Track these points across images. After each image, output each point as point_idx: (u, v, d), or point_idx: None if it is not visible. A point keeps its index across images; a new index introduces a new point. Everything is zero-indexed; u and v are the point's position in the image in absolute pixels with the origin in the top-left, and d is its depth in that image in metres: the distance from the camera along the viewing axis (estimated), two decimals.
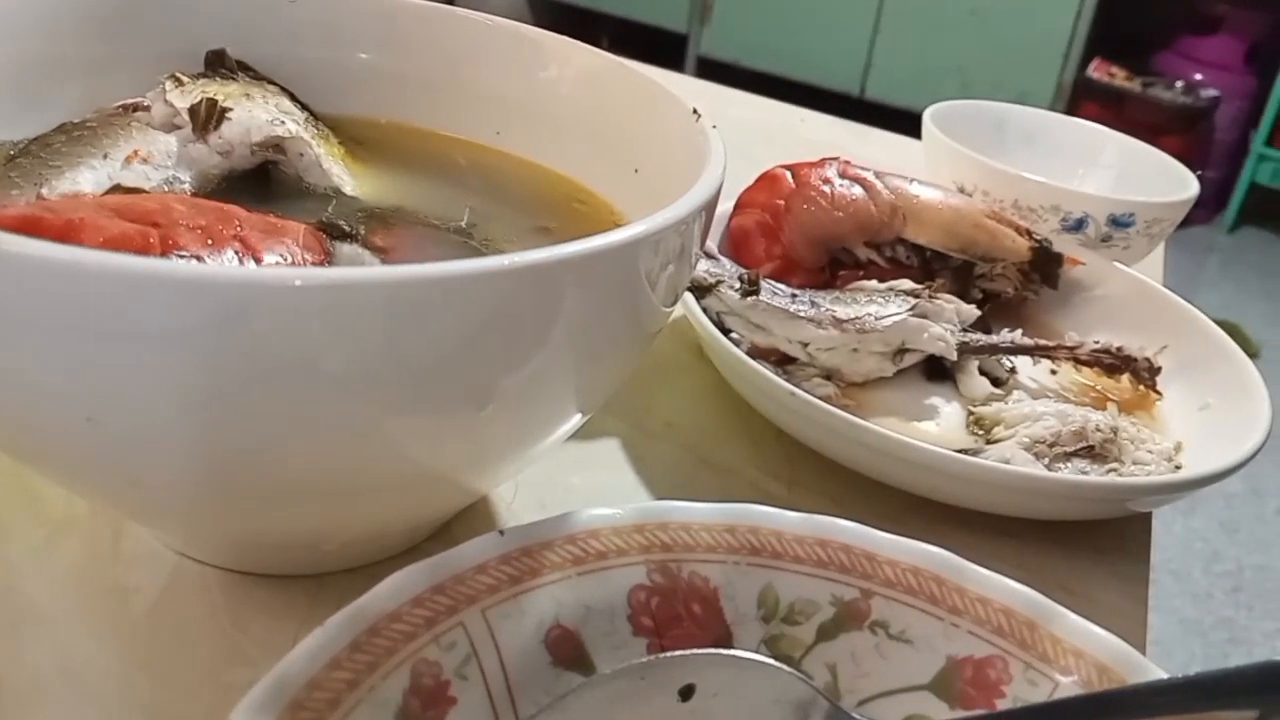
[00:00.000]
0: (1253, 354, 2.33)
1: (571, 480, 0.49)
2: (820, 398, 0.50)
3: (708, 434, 0.54)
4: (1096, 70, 3.49)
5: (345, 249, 0.38)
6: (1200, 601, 2.08)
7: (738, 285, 0.57)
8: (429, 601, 0.31)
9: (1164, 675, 0.31)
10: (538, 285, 0.29)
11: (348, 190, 0.46)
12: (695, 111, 0.43)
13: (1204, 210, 3.80)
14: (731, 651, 0.33)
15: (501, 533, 0.34)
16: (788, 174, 0.66)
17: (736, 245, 0.65)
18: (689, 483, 0.50)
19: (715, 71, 3.63)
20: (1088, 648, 0.33)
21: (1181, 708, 0.29)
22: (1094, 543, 0.50)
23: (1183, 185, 0.80)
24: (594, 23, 3.90)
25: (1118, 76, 3.48)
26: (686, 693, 0.32)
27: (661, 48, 3.53)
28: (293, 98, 0.49)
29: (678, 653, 0.33)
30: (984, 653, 0.34)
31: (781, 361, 0.57)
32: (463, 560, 0.33)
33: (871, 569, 0.35)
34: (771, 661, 0.33)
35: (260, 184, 0.46)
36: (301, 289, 0.25)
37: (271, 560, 0.40)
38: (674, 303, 0.37)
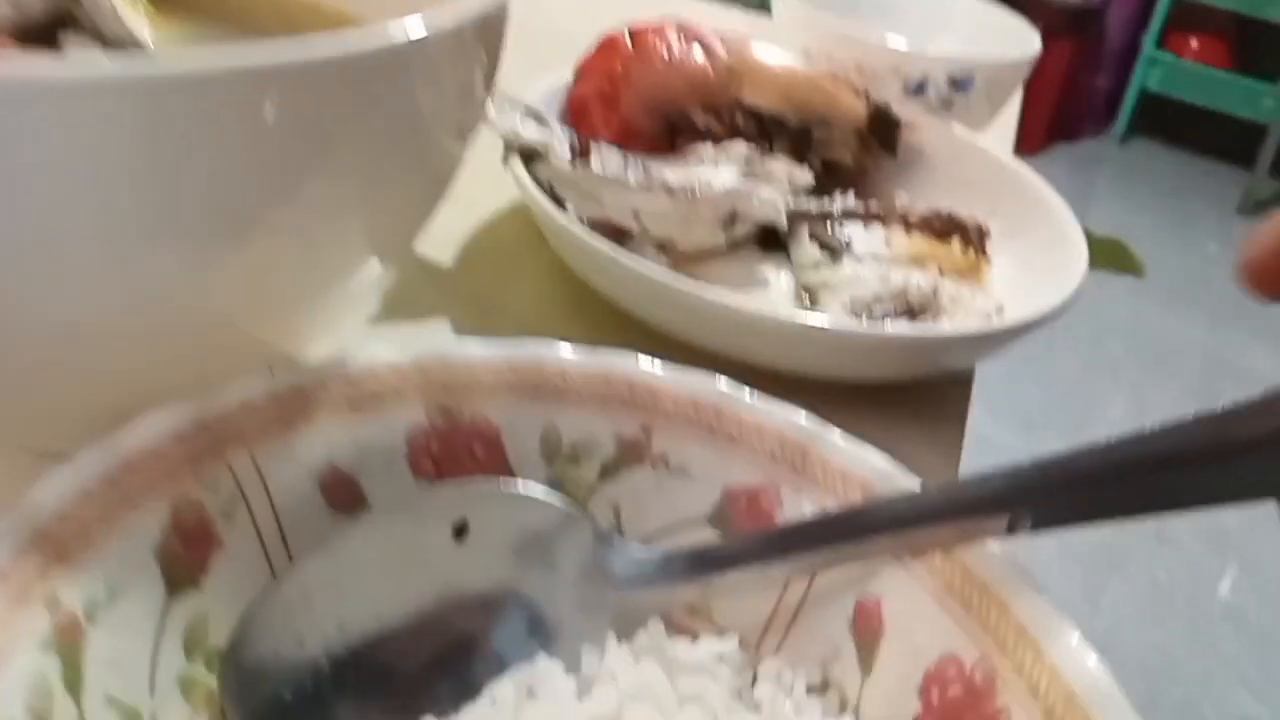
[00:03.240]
0: (1136, 272, 2.37)
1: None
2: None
3: (543, 314, 0.54)
4: None
5: (75, 42, 0.36)
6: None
7: (567, 152, 0.56)
8: (191, 438, 0.30)
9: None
10: (292, 89, 0.27)
11: (148, 41, 0.44)
12: None
13: (1094, 122, 3.83)
14: (499, 483, 0.33)
15: (271, 370, 0.33)
16: (626, 36, 0.64)
17: (576, 116, 0.64)
18: None
19: None
20: (854, 468, 0.33)
21: (931, 518, 0.29)
22: (911, 408, 0.50)
23: (1025, 45, 0.80)
24: None
25: None
26: (460, 531, 0.32)
27: None
28: None
29: (448, 485, 0.32)
30: (757, 481, 0.34)
31: (618, 235, 0.56)
32: (228, 398, 0.32)
33: (653, 402, 0.35)
34: (542, 493, 0.33)
35: (54, 41, 0.44)
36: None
37: (60, 433, 0.38)
38: (461, 137, 0.36)
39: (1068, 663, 0.27)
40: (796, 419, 0.34)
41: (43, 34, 0.43)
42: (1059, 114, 3.48)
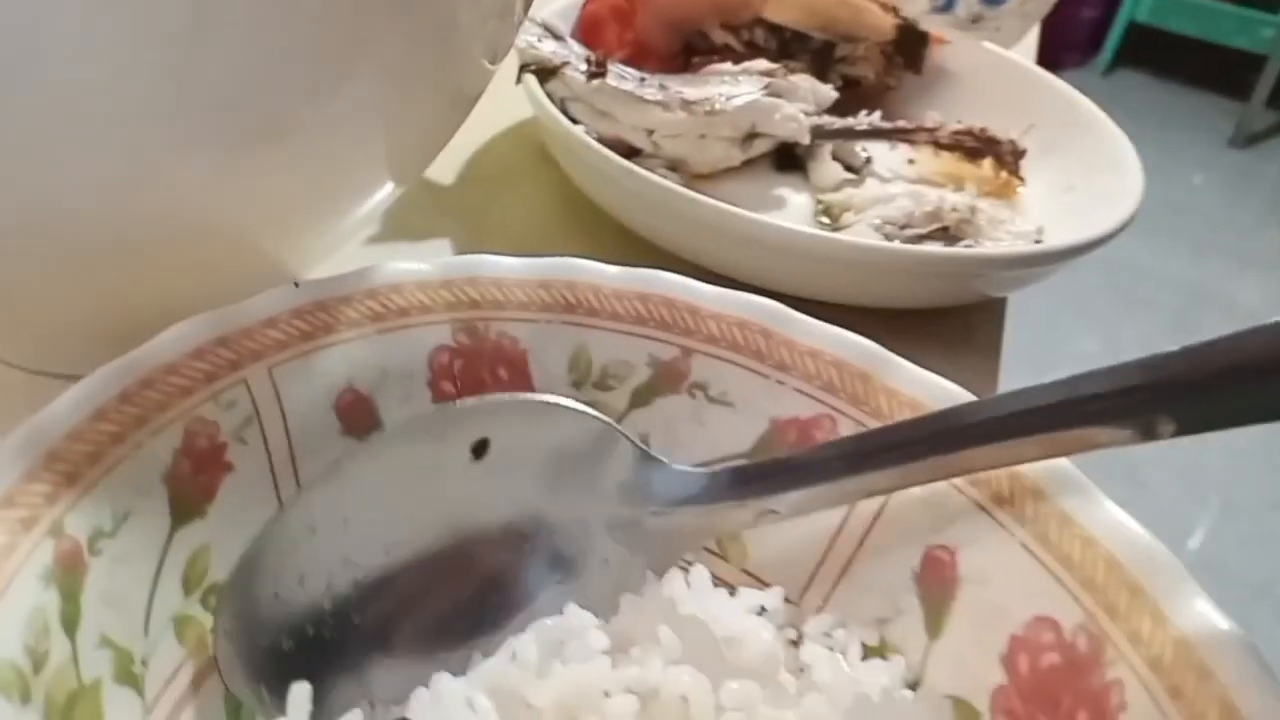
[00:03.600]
0: None
1: None
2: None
3: (546, 233, 0.52)
4: None
5: None
6: None
7: (583, 68, 0.53)
8: (210, 354, 0.28)
9: None
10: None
11: None
12: None
13: (1078, 53, 3.78)
14: (524, 395, 0.30)
15: (296, 284, 0.31)
16: None
17: (589, 33, 0.62)
18: None
19: None
20: (927, 397, 0.29)
21: (1050, 421, 0.24)
22: (942, 337, 0.48)
23: None
24: None
25: None
26: (479, 449, 0.29)
27: None
28: None
29: (467, 401, 0.30)
30: (811, 412, 0.31)
31: (628, 155, 0.54)
32: (251, 313, 0.30)
33: (694, 324, 0.32)
34: (569, 402, 0.30)
35: None
36: None
37: (75, 355, 0.36)
38: (494, 59, 0.34)
39: (1200, 632, 0.22)
40: (858, 343, 0.31)
41: None
42: (1040, 44, 3.42)
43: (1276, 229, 2.99)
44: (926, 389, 0.30)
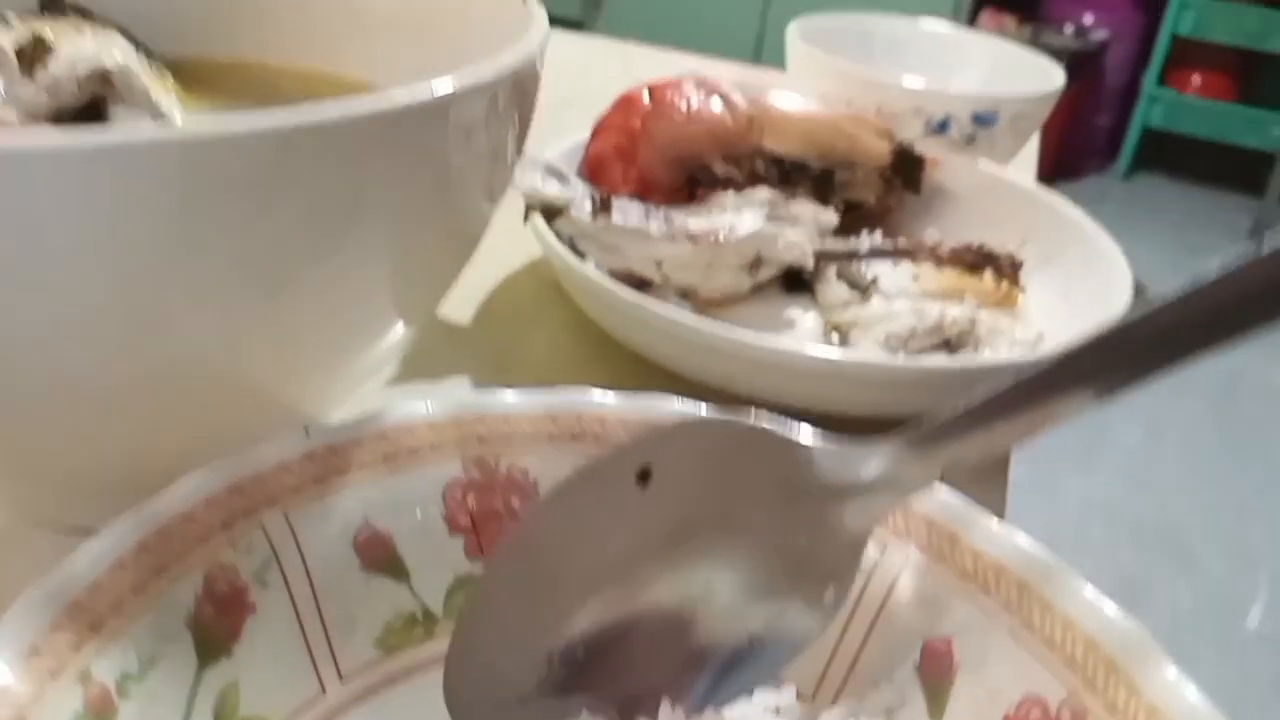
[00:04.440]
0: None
1: None
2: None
3: (563, 368, 0.53)
4: (987, 21, 3.52)
5: (123, 111, 0.35)
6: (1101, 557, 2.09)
7: (588, 206, 0.55)
8: (225, 502, 0.29)
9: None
10: (327, 145, 0.27)
11: (179, 119, 0.44)
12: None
13: (1098, 158, 3.85)
14: (675, 415, 0.32)
15: (307, 430, 0.32)
16: (645, 93, 0.64)
17: (594, 172, 0.64)
18: None
19: None
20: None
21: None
22: None
23: (1048, 79, 0.79)
24: None
25: (1008, 25, 3.50)
26: (644, 476, 0.30)
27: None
28: (127, 35, 0.47)
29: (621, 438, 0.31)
30: None
31: (638, 286, 0.55)
32: (263, 459, 0.31)
33: None
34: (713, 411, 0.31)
35: (92, 120, 0.44)
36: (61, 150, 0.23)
37: (85, 505, 0.37)
38: (492, 199, 0.36)
39: (1167, 698, 0.25)
40: None
41: (76, 118, 0.43)
42: (1060, 153, 3.49)
43: None
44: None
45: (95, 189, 0.24)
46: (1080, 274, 0.56)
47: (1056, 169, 3.61)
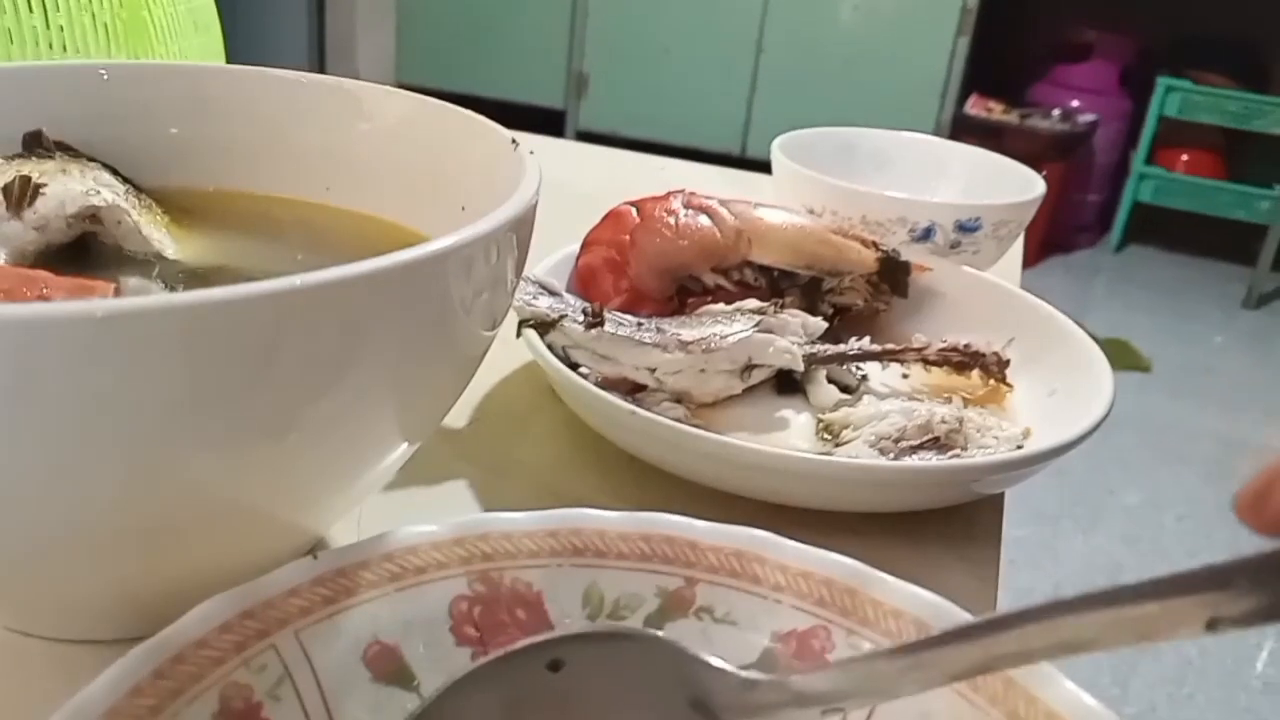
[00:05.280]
0: (1144, 368, 2.39)
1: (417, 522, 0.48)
2: (670, 420, 0.50)
3: (559, 469, 0.54)
4: (974, 107, 3.58)
5: (133, 281, 0.37)
6: None
7: (581, 319, 0.57)
8: (238, 627, 0.31)
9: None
10: (328, 305, 0.28)
11: (170, 254, 0.46)
12: (514, 141, 0.43)
13: (1090, 233, 3.91)
14: (592, 627, 0.33)
15: (315, 556, 0.33)
16: (632, 209, 0.66)
17: (585, 284, 0.65)
18: None
19: (595, 143, 3.70)
20: (907, 607, 0.33)
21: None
22: (943, 533, 0.50)
23: (1028, 187, 0.81)
24: (471, 107, 3.97)
25: (995, 111, 3.56)
26: (555, 666, 0.31)
27: (541, 126, 3.59)
28: (114, 171, 0.48)
29: (535, 638, 0.31)
30: (807, 624, 0.34)
31: (632, 391, 0.57)
32: (273, 585, 0.32)
33: (695, 557, 0.35)
34: (630, 628, 0.33)
35: (80, 256, 0.45)
36: (72, 318, 0.25)
37: (100, 622, 0.38)
38: (493, 327, 0.37)
39: None
40: (842, 562, 0.35)
41: (66, 254, 0.45)
42: (1052, 229, 3.54)
43: None
44: (908, 599, 0.33)
45: (106, 352, 0.26)
46: (1065, 372, 0.58)
47: (1049, 245, 3.66)
